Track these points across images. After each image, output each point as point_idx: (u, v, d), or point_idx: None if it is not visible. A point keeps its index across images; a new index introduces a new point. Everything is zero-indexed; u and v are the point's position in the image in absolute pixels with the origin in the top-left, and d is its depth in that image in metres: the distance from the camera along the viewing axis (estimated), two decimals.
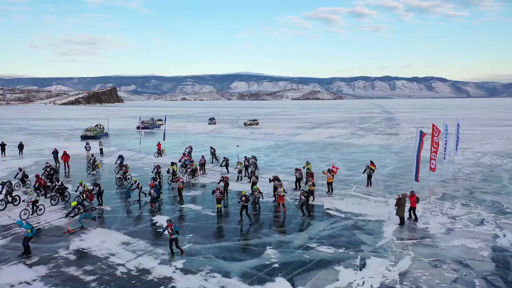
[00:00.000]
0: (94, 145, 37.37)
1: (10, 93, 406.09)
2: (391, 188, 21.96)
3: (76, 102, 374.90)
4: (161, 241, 14.19)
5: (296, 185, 21.94)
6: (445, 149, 27.06)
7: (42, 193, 19.88)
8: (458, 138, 30.16)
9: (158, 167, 24.05)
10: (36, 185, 20.69)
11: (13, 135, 56.55)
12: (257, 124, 75.28)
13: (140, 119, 45.45)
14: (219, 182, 20.11)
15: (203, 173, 26.72)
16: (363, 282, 11.04)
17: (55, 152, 31.73)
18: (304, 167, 22.89)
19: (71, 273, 11.77)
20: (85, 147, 34.50)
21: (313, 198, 19.25)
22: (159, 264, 12.39)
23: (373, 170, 22.22)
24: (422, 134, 20.94)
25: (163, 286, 10.92)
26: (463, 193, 20.89)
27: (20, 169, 23.89)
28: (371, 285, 10.83)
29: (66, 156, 29.24)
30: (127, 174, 24.49)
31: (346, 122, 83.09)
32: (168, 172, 24.03)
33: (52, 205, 19.01)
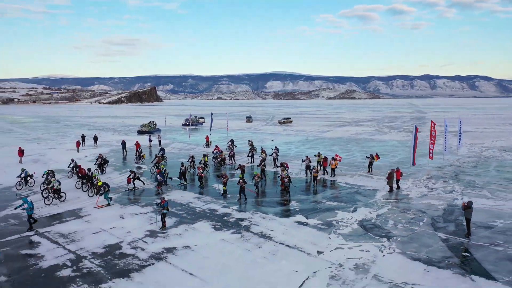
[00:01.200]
0: (153, 138, 45.39)
1: (57, 92, 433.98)
2: None
3: (118, 101, 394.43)
4: (221, 198, 21.13)
5: (306, 172, 26.73)
6: (445, 142, 32.38)
7: (84, 181, 23.00)
8: (461, 134, 35.28)
9: (192, 157, 28.97)
10: (79, 175, 24.07)
11: (78, 130, 66.03)
12: (290, 122, 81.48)
13: (190, 116, 53.18)
14: (236, 169, 25.95)
15: (232, 162, 32.05)
16: (352, 217, 17.40)
17: (123, 143, 39.71)
18: (317, 161, 28.33)
19: (168, 209, 18.90)
20: (149, 139, 42.41)
21: (316, 182, 24.58)
22: (221, 207, 19.28)
23: (374, 160, 27.80)
24: (416, 129, 26.72)
25: (226, 216, 17.79)
26: (450, 175, 26.50)
27: (73, 160, 27.59)
28: (356, 219, 17.17)
29: (138, 145, 37.01)
30: (159, 164, 27.96)
31: (375, 121, 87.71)
32: (200, 163, 27.79)
33: (83, 191, 22.51)
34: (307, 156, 27.49)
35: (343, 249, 13.92)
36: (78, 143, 40.09)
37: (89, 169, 23.91)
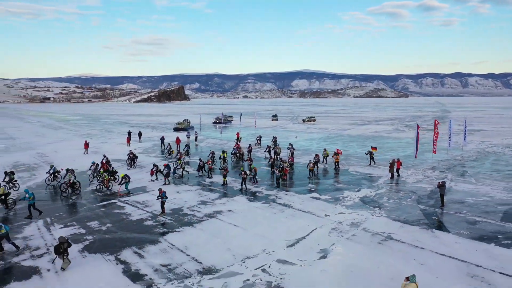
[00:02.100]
0: (190, 133, 51.28)
1: (89, 91, 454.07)
2: None
3: (148, 99, 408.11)
4: (252, 180, 26.40)
5: (315, 165, 30.29)
6: (449, 139, 36.44)
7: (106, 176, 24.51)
8: (466, 132, 39.16)
9: (212, 153, 31.63)
10: (102, 170, 26.30)
11: (120, 127, 73.08)
12: (314, 121, 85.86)
13: (222, 114, 58.88)
14: (245, 160, 30.47)
15: (250, 157, 34.83)
16: (355, 195, 22.31)
17: (162, 138, 45.57)
18: (323, 155, 33.17)
19: (212, 188, 24.41)
20: (186, 135, 48.30)
21: (315, 173, 28.51)
22: (253, 187, 24.56)
23: (373, 153, 32.21)
24: (417, 127, 31.20)
25: (257, 193, 23.08)
26: (447, 166, 30.77)
27: (104, 156, 30.45)
28: (358, 196, 22.07)
29: (178, 140, 42.85)
30: (181, 160, 29.63)
31: (396, 119, 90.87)
32: (220, 158, 31.51)
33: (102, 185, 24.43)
34: (316, 154, 32.00)
35: (344, 213, 18.90)
36: (128, 139, 46.36)
37: (110, 164, 26.25)
